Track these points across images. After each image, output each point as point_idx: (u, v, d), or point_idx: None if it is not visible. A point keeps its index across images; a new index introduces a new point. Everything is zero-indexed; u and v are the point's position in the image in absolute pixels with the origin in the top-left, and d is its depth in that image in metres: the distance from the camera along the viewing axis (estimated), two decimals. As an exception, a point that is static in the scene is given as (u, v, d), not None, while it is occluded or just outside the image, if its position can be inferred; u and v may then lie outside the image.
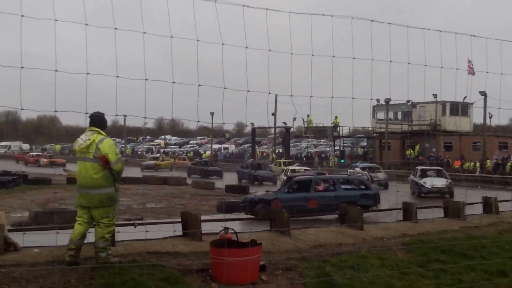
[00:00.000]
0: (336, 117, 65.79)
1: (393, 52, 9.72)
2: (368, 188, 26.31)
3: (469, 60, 42.35)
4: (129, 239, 11.36)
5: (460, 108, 70.99)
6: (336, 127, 70.44)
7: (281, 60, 10.06)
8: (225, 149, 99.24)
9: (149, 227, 11.75)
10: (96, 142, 9.51)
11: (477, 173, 54.94)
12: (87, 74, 8.18)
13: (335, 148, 76.31)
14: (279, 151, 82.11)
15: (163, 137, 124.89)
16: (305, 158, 79.50)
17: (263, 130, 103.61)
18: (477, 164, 59.10)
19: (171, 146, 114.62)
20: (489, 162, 59.30)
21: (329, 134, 72.80)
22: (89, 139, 9.57)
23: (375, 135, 75.51)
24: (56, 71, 7.91)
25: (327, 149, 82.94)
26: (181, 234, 12.50)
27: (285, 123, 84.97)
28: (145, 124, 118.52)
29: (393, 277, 10.61)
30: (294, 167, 51.43)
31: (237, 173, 56.07)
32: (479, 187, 41.42)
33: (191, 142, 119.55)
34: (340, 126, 70.99)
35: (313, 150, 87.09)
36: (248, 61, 9.04)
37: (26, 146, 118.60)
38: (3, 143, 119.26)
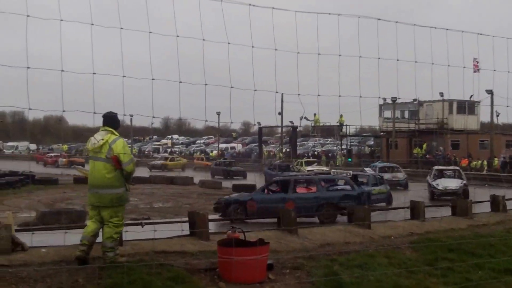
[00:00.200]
0: (341, 115, 65.50)
1: (398, 51, 9.71)
2: (352, 188, 24.47)
3: (474, 58, 42.20)
4: (137, 238, 11.38)
5: (467, 107, 70.78)
6: (341, 126, 70.31)
7: (287, 59, 10.06)
8: (232, 148, 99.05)
9: (156, 226, 11.76)
10: (109, 142, 9.55)
11: (484, 172, 54.75)
12: (93, 74, 8.20)
13: (342, 147, 76.17)
14: (286, 150, 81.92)
15: (170, 136, 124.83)
16: (312, 157, 79.26)
17: (269, 129, 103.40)
18: (485, 163, 58.91)
19: (178, 145, 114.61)
20: (496, 160, 59.09)
21: (335, 133, 72.69)
22: (103, 139, 9.60)
23: (382, 133, 75.36)
24: (62, 71, 7.93)
25: (334, 148, 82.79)
26: (188, 233, 12.51)
27: (291, 122, 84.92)
28: (152, 123, 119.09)
29: (400, 275, 10.60)
30: (312, 168, 50.56)
31: (265, 175, 53.43)
32: (486, 185, 41.26)
33: (198, 141, 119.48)
34: (346, 125, 70.92)
35: (320, 149, 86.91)
36: (254, 61, 9.05)
37: (33, 146, 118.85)
38: (10, 143, 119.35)
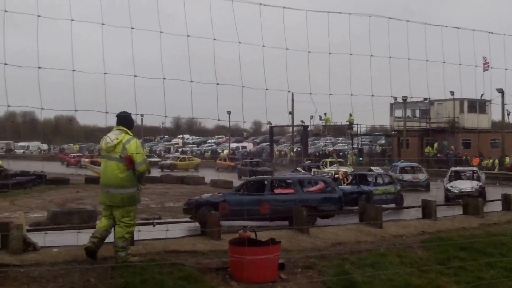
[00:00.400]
0: (350, 114, 65.22)
1: (406, 49, 9.68)
2: (333, 190, 22.55)
3: (483, 57, 41.99)
4: (148, 238, 11.41)
5: (478, 106, 70.51)
6: (351, 125, 70.10)
7: (297, 59, 10.03)
8: (243, 148, 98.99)
9: (167, 226, 11.78)
10: (123, 142, 9.60)
11: (495, 170, 54.58)
12: (105, 73, 8.21)
13: (353, 146, 76.01)
14: (297, 149, 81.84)
15: (181, 136, 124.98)
16: (322, 156, 79.06)
17: (280, 128, 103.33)
18: (496, 161, 58.63)
19: (189, 145, 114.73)
20: (507, 159, 58.79)
21: (346, 132, 72.51)
22: (117, 138, 9.65)
23: (393, 132, 75.18)
24: (74, 71, 7.94)
25: (345, 147, 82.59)
26: (199, 233, 12.52)
27: (302, 121, 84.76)
28: (163, 123, 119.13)
29: (412, 274, 10.59)
30: (331, 169, 49.64)
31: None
32: (498, 184, 41.15)
33: (208, 141, 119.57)
34: (357, 124, 70.74)
35: (331, 148, 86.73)
36: (265, 60, 9.04)
37: (44, 146, 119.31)
38: (21, 143, 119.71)
